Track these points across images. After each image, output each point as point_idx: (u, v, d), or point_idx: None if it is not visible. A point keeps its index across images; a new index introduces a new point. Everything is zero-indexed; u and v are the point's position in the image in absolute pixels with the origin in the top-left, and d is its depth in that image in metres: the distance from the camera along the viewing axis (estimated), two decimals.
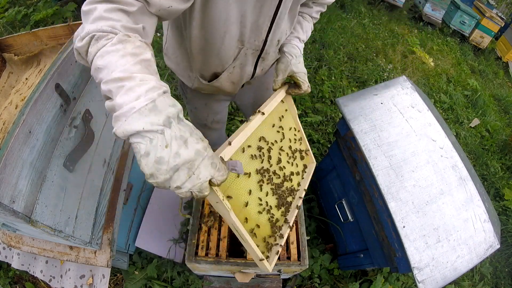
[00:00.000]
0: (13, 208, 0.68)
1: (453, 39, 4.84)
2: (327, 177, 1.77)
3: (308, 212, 1.96)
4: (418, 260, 1.10)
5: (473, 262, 1.14)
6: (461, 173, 1.25)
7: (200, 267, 1.13)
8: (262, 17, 0.85)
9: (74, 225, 0.93)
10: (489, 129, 3.28)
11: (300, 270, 1.16)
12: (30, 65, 1.05)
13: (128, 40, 0.56)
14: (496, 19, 4.71)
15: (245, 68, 1.03)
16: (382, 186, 1.19)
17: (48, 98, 0.82)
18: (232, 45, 0.92)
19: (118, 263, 1.46)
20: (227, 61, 0.98)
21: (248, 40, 0.92)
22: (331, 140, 2.43)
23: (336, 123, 2.35)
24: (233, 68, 1.02)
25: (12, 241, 1.09)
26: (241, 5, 0.80)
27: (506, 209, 2.47)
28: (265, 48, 0.98)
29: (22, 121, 0.72)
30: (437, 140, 1.31)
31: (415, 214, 1.15)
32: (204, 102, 1.29)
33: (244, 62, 1.01)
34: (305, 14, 1.09)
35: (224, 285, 1.35)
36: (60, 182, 0.87)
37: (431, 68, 3.88)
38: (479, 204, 1.21)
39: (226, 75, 1.05)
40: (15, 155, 0.70)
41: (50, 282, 1.31)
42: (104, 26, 0.56)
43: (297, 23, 1.06)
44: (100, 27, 0.56)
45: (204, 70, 1.06)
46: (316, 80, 2.90)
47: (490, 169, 2.78)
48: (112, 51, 0.54)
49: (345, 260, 1.67)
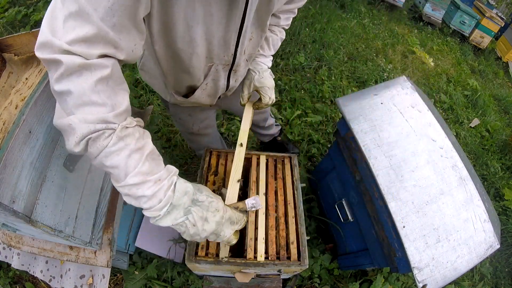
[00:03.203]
0: (13, 208, 0.68)
1: (453, 39, 4.83)
2: (327, 177, 1.77)
3: (308, 212, 1.96)
4: (418, 260, 1.10)
5: (473, 262, 1.14)
6: (461, 173, 1.25)
7: (200, 267, 1.13)
8: (229, 32, 0.82)
9: (74, 225, 0.93)
10: (489, 129, 3.28)
11: (300, 270, 1.16)
12: (30, 65, 1.05)
13: (128, 135, 0.59)
14: (496, 19, 4.70)
15: (218, 82, 1.04)
16: (382, 186, 1.19)
17: (48, 98, 0.82)
18: (201, 63, 0.91)
19: (118, 263, 1.46)
20: (199, 79, 0.99)
21: (217, 56, 0.90)
22: (331, 140, 2.43)
23: (336, 123, 2.35)
24: (206, 84, 1.03)
25: (12, 241, 1.09)
26: (204, 25, 0.77)
27: (506, 209, 2.47)
28: (235, 61, 0.96)
29: (22, 121, 0.72)
30: (437, 140, 1.31)
31: (415, 214, 1.15)
32: (188, 113, 1.28)
33: (216, 77, 1.01)
34: (273, 26, 1.08)
35: (224, 285, 1.35)
36: (60, 182, 0.87)
37: (431, 68, 3.88)
38: (479, 204, 1.21)
39: (200, 92, 1.05)
40: (15, 155, 0.70)
41: (50, 282, 1.31)
42: (95, 122, 0.55)
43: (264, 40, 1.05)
44: (93, 127, 0.55)
45: (178, 87, 1.06)
46: (316, 80, 2.90)
47: (490, 169, 2.78)
48: (116, 151, 0.57)
49: (345, 260, 1.67)
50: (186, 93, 1.10)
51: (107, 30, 0.55)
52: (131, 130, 0.60)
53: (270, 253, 1.14)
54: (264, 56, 1.10)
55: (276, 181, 1.34)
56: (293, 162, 1.40)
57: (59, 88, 0.55)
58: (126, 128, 0.59)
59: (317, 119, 2.52)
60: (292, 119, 2.47)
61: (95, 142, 0.56)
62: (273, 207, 1.25)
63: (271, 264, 1.11)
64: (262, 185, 1.29)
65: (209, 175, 1.31)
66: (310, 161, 2.31)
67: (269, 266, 1.10)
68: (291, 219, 1.22)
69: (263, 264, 1.10)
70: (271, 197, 1.28)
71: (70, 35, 0.53)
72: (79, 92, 0.54)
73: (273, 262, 1.11)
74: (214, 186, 1.28)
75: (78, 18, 0.53)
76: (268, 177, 1.33)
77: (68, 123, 0.55)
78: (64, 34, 0.53)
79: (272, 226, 1.20)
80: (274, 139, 2.08)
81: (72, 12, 0.52)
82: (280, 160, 1.41)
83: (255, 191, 1.28)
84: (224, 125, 2.31)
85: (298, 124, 2.44)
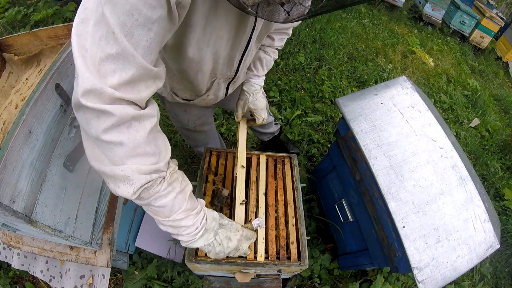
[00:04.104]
0: (13, 208, 0.68)
1: (453, 39, 4.84)
2: (327, 177, 1.77)
3: (308, 212, 1.96)
4: (418, 260, 1.10)
5: (473, 262, 1.14)
6: (461, 173, 1.25)
7: (200, 267, 1.13)
8: (234, 51, 0.87)
9: (74, 225, 0.93)
10: (489, 129, 3.28)
11: (300, 270, 1.16)
12: (30, 65, 1.05)
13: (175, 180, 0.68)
14: (496, 19, 4.70)
15: (218, 92, 1.11)
16: (382, 186, 1.19)
17: (48, 98, 0.82)
18: (205, 78, 0.97)
19: (118, 263, 1.46)
20: (201, 90, 1.05)
21: (221, 72, 0.96)
22: (331, 140, 2.43)
23: (336, 123, 2.35)
24: (207, 96, 1.10)
25: (12, 241, 1.09)
26: (214, 47, 0.81)
27: (506, 209, 2.47)
28: (236, 75, 1.02)
29: (22, 121, 0.72)
30: (437, 140, 1.31)
31: (415, 214, 1.15)
32: (183, 109, 1.31)
33: (217, 89, 1.08)
34: (267, 47, 1.13)
35: (224, 285, 1.35)
36: (60, 182, 0.87)
37: (431, 68, 3.88)
38: (479, 204, 1.21)
39: (200, 100, 1.11)
40: (15, 155, 0.70)
41: (50, 282, 1.31)
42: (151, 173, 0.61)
43: (257, 60, 1.13)
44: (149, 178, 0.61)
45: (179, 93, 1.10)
46: (316, 80, 2.90)
47: (490, 169, 2.78)
48: (165, 194, 0.65)
49: (345, 260, 1.67)
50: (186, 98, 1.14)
51: (150, 68, 0.56)
52: (175, 175, 0.68)
53: (270, 253, 1.14)
54: (258, 77, 1.15)
55: (276, 181, 1.34)
56: (293, 162, 1.40)
57: (109, 139, 0.55)
58: (173, 174, 0.67)
59: (317, 119, 2.52)
60: (292, 119, 2.47)
61: (149, 189, 0.62)
62: (273, 207, 1.25)
63: (271, 264, 1.11)
64: (262, 185, 1.29)
65: (209, 175, 1.31)
66: (310, 161, 2.31)
67: (269, 266, 1.10)
68: (291, 219, 1.22)
69: (263, 264, 1.10)
70: (271, 197, 1.27)
71: (115, 79, 0.52)
72: (133, 144, 0.56)
73: (273, 262, 1.11)
74: (214, 186, 1.28)
75: (120, 60, 0.52)
76: (268, 177, 1.33)
77: (124, 174, 0.58)
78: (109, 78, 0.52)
79: (272, 226, 1.20)
80: (274, 138, 2.08)
81: (111, 54, 0.51)
82: (280, 160, 1.41)
83: (255, 191, 1.28)
84: (224, 125, 2.31)
85: (298, 124, 2.44)
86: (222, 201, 1.23)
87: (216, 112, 2.34)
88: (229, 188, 1.30)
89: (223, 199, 1.23)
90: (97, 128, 0.53)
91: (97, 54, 0.50)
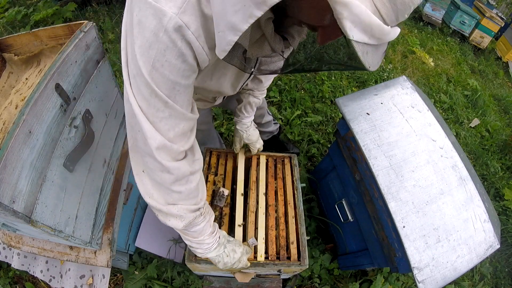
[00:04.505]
0: (13, 208, 0.68)
1: (453, 39, 4.83)
2: (327, 177, 1.77)
3: (308, 212, 1.96)
4: (418, 260, 1.10)
5: (473, 262, 1.14)
6: (461, 173, 1.25)
7: (200, 267, 1.13)
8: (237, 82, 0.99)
9: (74, 225, 0.93)
10: (489, 129, 3.28)
11: (300, 270, 1.16)
12: (30, 65, 1.05)
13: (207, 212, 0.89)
14: (496, 19, 4.70)
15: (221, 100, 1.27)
16: (382, 186, 1.19)
17: (48, 98, 0.82)
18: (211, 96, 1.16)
19: (118, 263, 1.46)
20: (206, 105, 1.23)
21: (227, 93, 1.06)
22: (331, 140, 2.43)
23: (336, 123, 2.35)
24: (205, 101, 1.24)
25: (12, 241, 1.09)
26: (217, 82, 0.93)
27: (506, 209, 2.47)
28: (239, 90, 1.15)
29: (22, 121, 0.72)
30: (437, 140, 1.31)
31: (415, 214, 1.15)
32: None
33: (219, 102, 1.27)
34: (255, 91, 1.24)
35: (224, 285, 1.35)
36: (60, 182, 0.87)
37: (431, 68, 3.88)
38: (479, 204, 1.21)
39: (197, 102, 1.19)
40: (15, 155, 0.70)
41: (50, 282, 1.31)
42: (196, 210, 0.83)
43: (247, 104, 1.26)
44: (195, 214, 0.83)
45: None
46: (316, 80, 2.90)
47: (490, 169, 2.78)
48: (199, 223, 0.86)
49: (345, 260, 1.67)
50: None
51: (194, 117, 0.72)
52: (206, 208, 0.89)
53: (270, 253, 1.14)
54: (248, 117, 1.31)
55: (276, 181, 1.34)
56: (293, 162, 1.40)
57: (175, 189, 0.75)
58: (205, 209, 0.88)
59: (317, 119, 2.52)
60: (292, 119, 2.47)
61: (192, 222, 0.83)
62: (273, 207, 1.25)
63: (271, 264, 1.11)
64: (262, 185, 1.29)
65: (209, 175, 1.32)
66: (310, 161, 2.31)
67: (269, 266, 1.10)
68: (291, 219, 1.22)
69: (263, 264, 1.10)
70: (271, 197, 1.28)
71: (171, 133, 0.68)
72: (188, 192, 0.78)
73: (273, 262, 1.12)
74: (214, 186, 1.28)
75: (172, 119, 0.66)
76: (268, 177, 1.33)
77: (178, 214, 0.79)
78: (167, 133, 0.67)
79: (272, 226, 1.20)
80: (274, 138, 2.08)
81: (165, 117, 0.65)
82: (280, 160, 1.41)
83: (255, 191, 1.28)
84: (224, 125, 2.31)
85: (298, 124, 2.44)
86: (222, 201, 1.23)
87: (216, 112, 2.34)
88: (229, 188, 1.30)
89: (223, 199, 1.23)
90: (167, 180, 0.73)
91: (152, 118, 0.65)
